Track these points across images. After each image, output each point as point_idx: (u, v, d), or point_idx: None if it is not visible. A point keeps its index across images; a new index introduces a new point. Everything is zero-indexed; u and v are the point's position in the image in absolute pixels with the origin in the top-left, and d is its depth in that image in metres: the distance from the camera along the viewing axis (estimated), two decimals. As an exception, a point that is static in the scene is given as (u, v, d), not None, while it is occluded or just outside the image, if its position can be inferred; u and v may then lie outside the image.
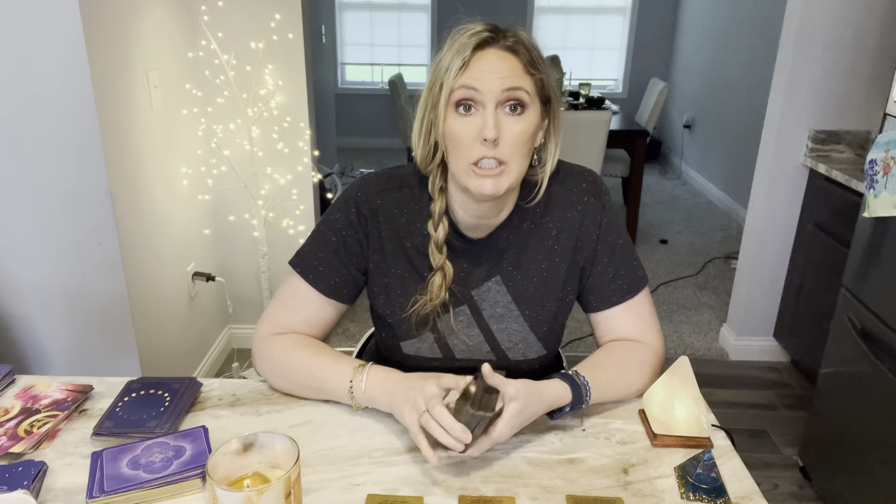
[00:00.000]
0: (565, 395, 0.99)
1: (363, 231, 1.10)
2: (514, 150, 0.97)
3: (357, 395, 1.01)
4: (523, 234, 1.11)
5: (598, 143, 3.75)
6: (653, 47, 6.45)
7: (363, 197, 1.09)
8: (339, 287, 1.11)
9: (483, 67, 0.95)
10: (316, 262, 1.10)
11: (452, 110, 0.97)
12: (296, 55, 2.47)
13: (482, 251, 1.10)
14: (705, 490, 0.88)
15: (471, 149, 0.96)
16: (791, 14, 2.49)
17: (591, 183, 1.12)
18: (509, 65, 0.96)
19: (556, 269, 1.11)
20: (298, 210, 2.65)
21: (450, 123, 0.97)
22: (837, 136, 2.54)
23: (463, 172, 0.98)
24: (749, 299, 2.83)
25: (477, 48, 0.96)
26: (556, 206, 1.11)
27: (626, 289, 1.13)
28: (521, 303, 1.11)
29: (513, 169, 0.98)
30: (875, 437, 1.77)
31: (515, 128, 0.96)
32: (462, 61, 0.95)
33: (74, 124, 1.78)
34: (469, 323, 1.12)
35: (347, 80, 6.64)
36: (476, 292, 1.11)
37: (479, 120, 0.96)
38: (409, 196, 1.10)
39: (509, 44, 0.97)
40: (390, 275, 1.11)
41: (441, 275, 1.07)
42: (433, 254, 1.07)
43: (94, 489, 0.84)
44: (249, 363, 2.72)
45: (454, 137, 0.97)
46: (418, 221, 1.10)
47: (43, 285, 1.93)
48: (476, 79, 0.95)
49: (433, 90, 0.99)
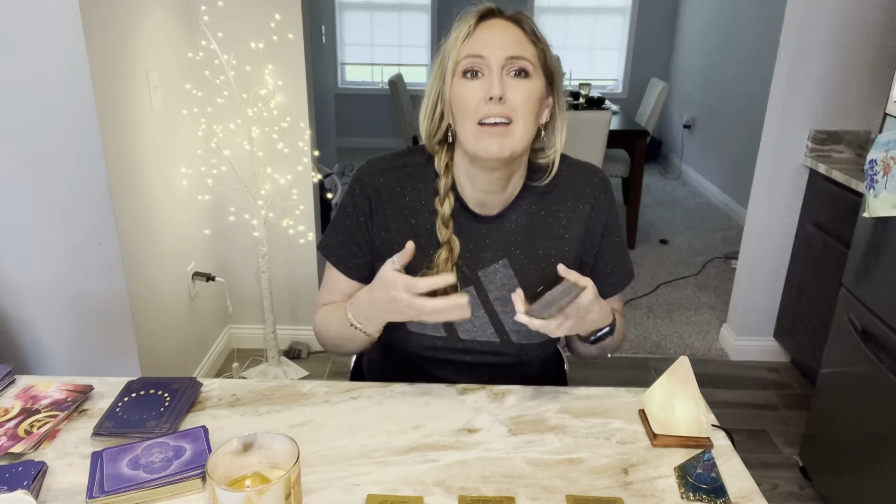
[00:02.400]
0: (610, 315, 1.06)
1: (368, 211, 1.12)
2: (519, 110, 1.00)
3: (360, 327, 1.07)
4: (532, 218, 1.13)
5: (598, 143, 3.75)
6: (653, 47, 6.45)
7: (366, 178, 1.13)
8: (358, 268, 1.16)
9: (487, 36, 1.00)
10: (337, 246, 1.17)
11: (459, 77, 1.01)
12: (296, 55, 2.47)
13: (490, 231, 1.12)
14: (705, 490, 0.88)
15: (477, 109, 1.00)
16: (791, 14, 2.49)
17: (602, 180, 1.17)
18: (513, 34, 1.01)
19: (563, 258, 1.14)
20: (298, 210, 2.65)
21: (456, 89, 1.01)
22: (837, 136, 2.54)
23: (470, 135, 1.01)
24: (749, 299, 2.83)
25: (481, 19, 1.02)
26: (567, 196, 1.14)
27: (618, 283, 1.20)
28: (527, 287, 1.12)
29: (518, 130, 1.00)
30: (875, 436, 1.77)
31: (521, 88, 1.00)
32: (467, 30, 1.00)
33: (74, 124, 1.78)
34: (475, 304, 1.13)
35: (347, 80, 6.64)
36: (483, 273, 1.13)
37: (485, 82, 1.00)
38: (413, 175, 1.13)
39: (511, 13, 1.03)
40: (396, 252, 1.12)
41: (447, 249, 1.09)
42: (440, 228, 1.09)
43: (94, 489, 0.84)
44: (249, 363, 2.73)
45: (461, 101, 1.01)
46: (423, 199, 1.12)
47: (43, 285, 1.93)
48: (481, 47, 0.99)
49: (441, 65, 1.04)
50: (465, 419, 1.03)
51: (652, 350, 2.95)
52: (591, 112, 3.80)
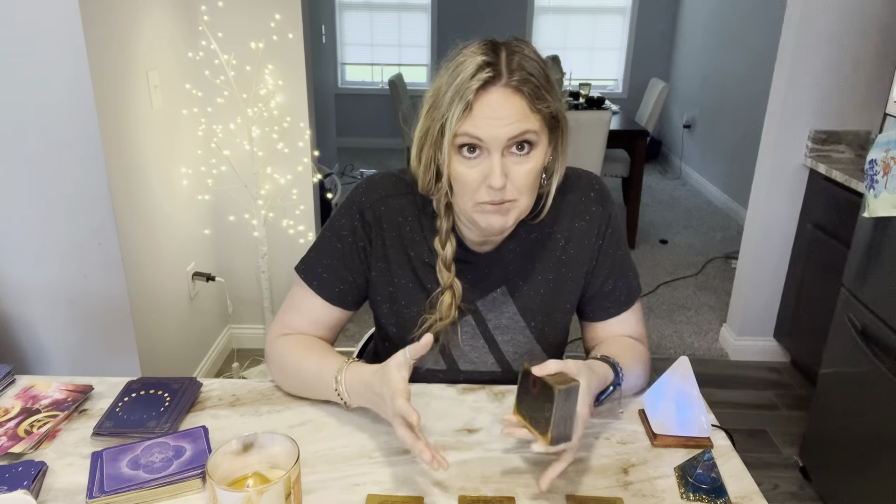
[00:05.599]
0: (609, 373, 0.98)
1: (367, 238, 1.08)
2: (522, 189, 0.93)
3: (344, 398, 0.99)
4: (530, 246, 1.09)
5: (598, 143, 3.75)
6: (653, 47, 6.44)
7: (367, 203, 1.07)
8: (343, 294, 1.10)
9: (487, 114, 0.89)
10: (320, 269, 1.09)
11: (456, 152, 0.93)
12: (296, 55, 2.47)
13: (488, 264, 1.09)
14: (705, 490, 0.88)
15: (477, 191, 0.93)
16: (791, 14, 2.49)
17: (599, 191, 1.10)
18: (514, 107, 0.90)
19: (563, 280, 1.10)
20: (298, 210, 2.65)
21: (455, 166, 0.93)
22: (837, 136, 2.54)
23: (470, 210, 0.95)
24: (749, 299, 2.83)
25: (479, 90, 0.89)
26: (564, 216, 1.09)
27: (623, 301, 1.13)
28: (526, 314, 1.10)
29: (521, 204, 0.95)
30: (875, 436, 1.77)
31: (524, 168, 0.92)
32: (465, 105, 0.89)
33: (74, 124, 1.78)
34: (474, 334, 1.11)
35: (347, 80, 6.64)
36: (481, 303, 1.09)
37: (485, 164, 0.92)
38: (414, 203, 1.07)
39: (514, 83, 0.90)
40: (395, 284, 1.09)
41: (450, 293, 1.05)
42: (441, 272, 1.05)
43: (94, 489, 0.84)
44: (249, 363, 2.73)
45: (460, 180, 0.93)
46: (423, 230, 1.07)
47: (43, 285, 1.93)
48: (480, 127, 0.89)
49: (433, 127, 0.93)
50: (465, 419, 1.03)
51: (652, 350, 2.94)
52: (591, 112, 3.80)
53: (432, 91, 0.95)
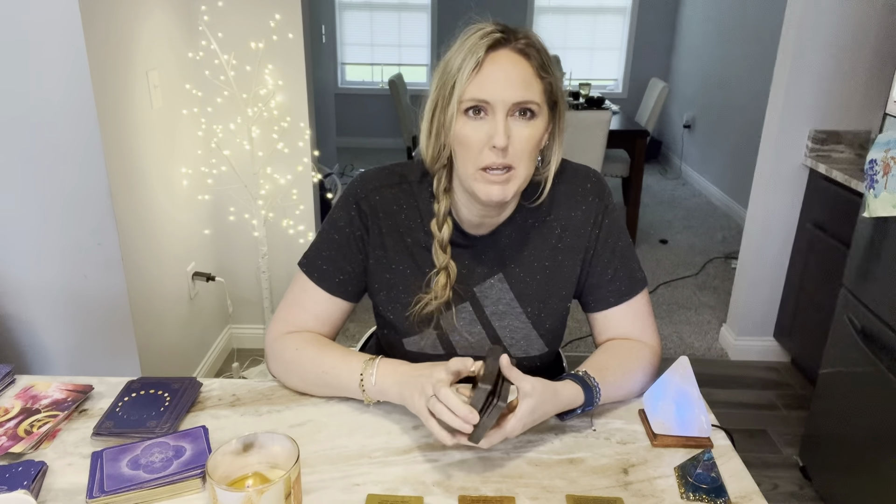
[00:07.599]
0: (578, 397, 0.99)
1: (364, 227, 1.11)
2: (522, 155, 0.98)
3: (368, 389, 1.02)
4: (527, 232, 1.11)
5: (598, 143, 3.74)
6: (653, 47, 6.44)
7: (362, 193, 1.11)
8: (343, 284, 1.12)
9: (495, 73, 0.95)
10: (320, 261, 1.12)
11: (462, 114, 0.97)
12: (296, 55, 2.47)
13: (485, 248, 1.11)
14: (705, 490, 0.88)
15: (480, 154, 0.97)
16: (791, 14, 2.49)
17: (596, 183, 1.13)
18: (521, 70, 0.96)
19: (559, 267, 1.12)
20: (298, 210, 2.65)
21: (460, 127, 0.97)
22: (837, 136, 2.54)
23: (471, 177, 0.99)
24: (749, 299, 2.83)
25: (489, 49, 0.95)
26: (561, 205, 1.12)
27: (624, 290, 1.13)
28: (523, 300, 1.12)
29: (520, 174, 0.99)
30: (875, 436, 1.77)
31: (525, 133, 0.97)
32: (475, 62, 0.95)
33: (74, 124, 1.78)
34: (471, 320, 1.13)
35: (347, 80, 6.64)
36: (478, 289, 1.12)
37: (489, 125, 0.96)
38: (409, 192, 1.11)
39: (521, 46, 0.97)
40: (392, 271, 1.12)
41: (445, 274, 1.08)
42: (437, 253, 1.08)
43: (94, 489, 0.84)
44: (249, 363, 2.72)
45: (464, 141, 0.98)
46: (419, 217, 1.11)
47: (43, 285, 1.93)
48: (487, 89, 0.95)
49: (443, 91, 0.99)
50: (465, 419, 1.03)
51: (652, 350, 2.95)
52: (591, 112, 3.79)
53: (444, 62, 1.00)
